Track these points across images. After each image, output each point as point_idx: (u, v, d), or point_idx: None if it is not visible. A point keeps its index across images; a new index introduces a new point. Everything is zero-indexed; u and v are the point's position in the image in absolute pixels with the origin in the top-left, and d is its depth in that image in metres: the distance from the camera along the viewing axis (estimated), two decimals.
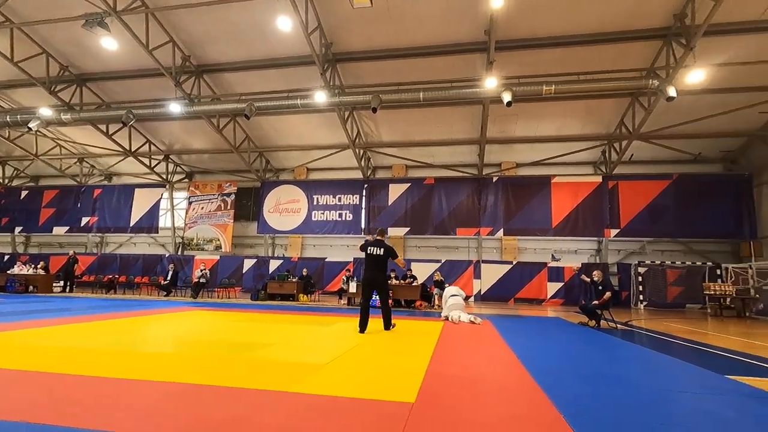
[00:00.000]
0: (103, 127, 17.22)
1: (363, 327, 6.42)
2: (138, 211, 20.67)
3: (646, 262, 16.04)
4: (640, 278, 15.60)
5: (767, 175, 15.30)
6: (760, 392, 3.51)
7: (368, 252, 6.76)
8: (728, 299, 13.23)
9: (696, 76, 11.89)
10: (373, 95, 12.82)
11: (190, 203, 20.43)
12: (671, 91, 11.03)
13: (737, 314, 12.79)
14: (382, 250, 6.77)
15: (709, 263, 15.64)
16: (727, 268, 15.02)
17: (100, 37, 12.81)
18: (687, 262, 15.89)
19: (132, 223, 20.64)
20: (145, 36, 12.38)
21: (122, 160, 19.95)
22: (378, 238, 7.04)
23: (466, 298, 12.23)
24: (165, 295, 14.55)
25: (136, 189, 20.95)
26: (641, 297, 15.42)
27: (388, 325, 6.76)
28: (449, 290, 9.68)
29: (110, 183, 22.02)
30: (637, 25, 11.52)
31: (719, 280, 14.66)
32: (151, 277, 18.08)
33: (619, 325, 8.71)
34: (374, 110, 12.83)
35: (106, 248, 22.15)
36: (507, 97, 11.96)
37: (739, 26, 11.06)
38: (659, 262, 15.96)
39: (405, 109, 15.29)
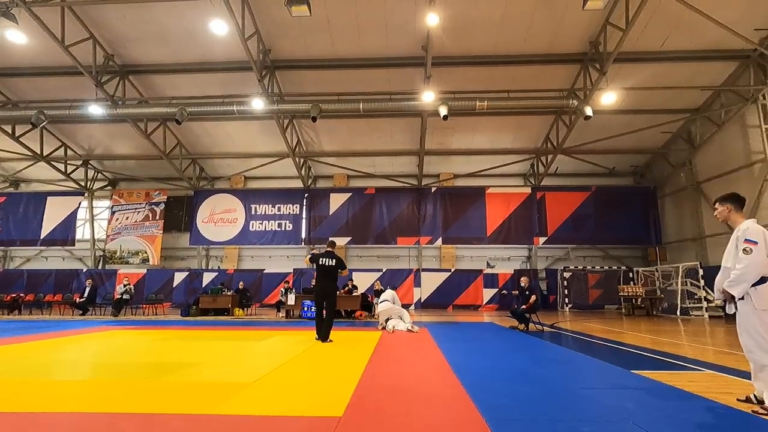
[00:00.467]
0: (8, 128, 15.43)
1: (320, 335, 6.78)
2: (50, 221, 18.70)
3: (570, 267, 17.34)
4: (565, 282, 16.80)
5: (669, 188, 17.25)
6: (659, 385, 3.89)
7: (320, 263, 7.05)
8: (639, 300, 14.64)
9: (609, 98, 13.16)
10: (313, 104, 12.73)
11: (113, 213, 18.87)
12: (588, 111, 12.13)
13: (647, 313, 14.17)
14: (333, 261, 7.13)
15: (623, 267, 17.26)
16: (637, 272, 16.64)
17: (6, 29, 11.53)
18: (605, 267, 17.41)
19: (43, 235, 18.63)
20: (60, 31, 11.34)
21: (32, 165, 17.99)
22: (329, 249, 7.36)
23: (406, 306, 12.37)
24: (81, 314, 13.22)
25: (48, 197, 18.97)
26: (566, 300, 16.61)
27: (326, 337, 6.75)
28: (381, 296, 9.75)
29: (17, 190, 19.75)
30: (559, 48, 12.56)
31: (632, 283, 16.19)
32: (65, 294, 16.36)
33: (545, 328, 9.29)
34: (314, 119, 12.75)
35: (10, 263, 19.76)
36: (443, 110, 12.45)
37: (643, 55, 12.44)
38: (581, 267, 17.33)
39: (346, 119, 15.36)
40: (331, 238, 8.29)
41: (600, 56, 11.77)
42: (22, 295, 16.13)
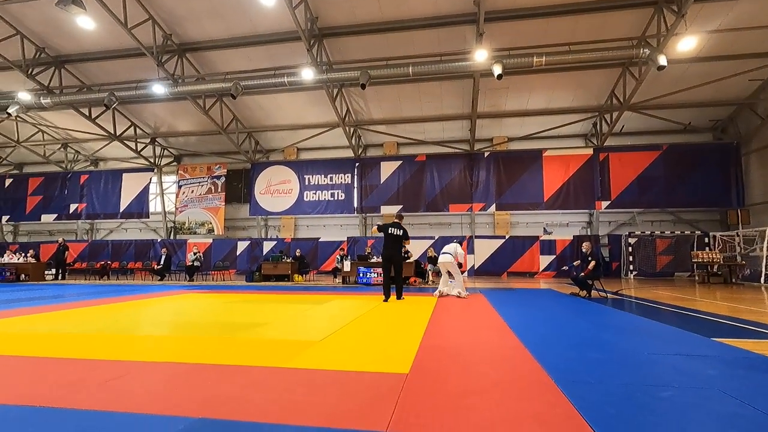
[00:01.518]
0: (85, 111, 16.78)
1: (387, 296, 7.61)
2: (127, 196, 20.42)
3: (636, 232, 16.28)
4: (630, 249, 15.86)
5: (755, 144, 15.42)
6: (746, 352, 3.62)
7: (388, 232, 7.85)
8: (715, 266, 13.53)
9: (687, 43, 11.80)
10: (362, 71, 12.58)
11: (179, 187, 20.20)
12: (662, 60, 10.95)
13: (724, 281, 13.11)
14: (401, 231, 7.94)
15: (698, 232, 15.93)
16: (714, 237, 15.31)
17: (76, 16, 12.30)
18: (676, 232, 16.16)
19: (122, 209, 20.43)
20: (123, 14, 11.94)
21: (107, 144, 19.57)
22: (396, 221, 8.17)
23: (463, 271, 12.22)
24: (159, 280, 14.54)
25: (123, 174, 20.63)
26: (631, 267, 15.72)
27: (399, 295, 7.77)
28: (444, 248, 9.24)
29: (97, 168, 21.64)
30: None
31: (707, 248, 14.95)
32: (144, 262, 18.03)
33: (609, 295, 8.89)
34: (363, 86, 12.62)
35: (96, 235, 21.97)
36: (497, 69, 11.81)
37: None
38: (649, 233, 16.21)
39: (394, 85, 15.08)
40: (398, 212, 8.78)
41: None
42: (109, 262, 18.01)
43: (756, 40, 12.26)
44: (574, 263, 9.39)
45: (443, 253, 9.01)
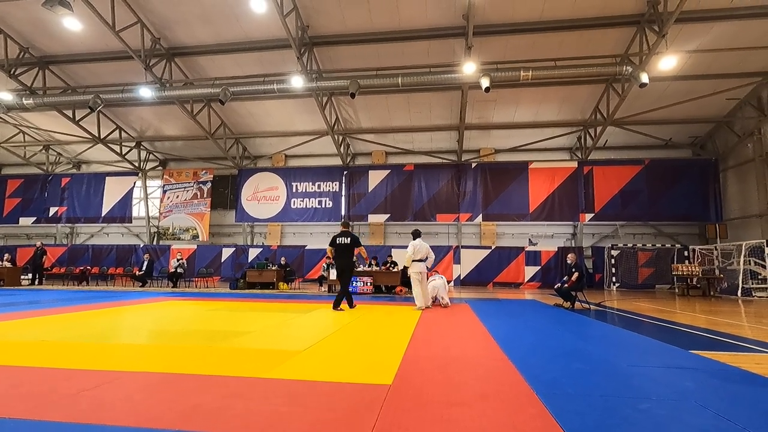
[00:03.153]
0: (69, 113, 16.46)
1: (337, 305, 7.60)
2: (110, 200, 20.01)
3: (619, 245, 16.57)
4: (613, 261, 16.12)
5: (732, 160, 15.91)
6: (722, 365, 3.69)
7: (337, 242, 7.91)
8: (695, 279, 13.83)
9: (668, 62, 12.16)
10: (351, 80, 12.65)
11: (164, 192, 19.90)
12: (644, 78, 11.28)
13: (703, 293, 13.38)
14: (349, 239, 7.91)
15: (678, 245, 16.29)
16: (694, 250, 15.67)
17: (62, 17, 12.12)
18: (657, 245, 16.50)
19: (104, 213, 19.99)
20: (111, 16, 11.82)
21: (91, 147, 19.21)
22: (344, 229, 8.11)
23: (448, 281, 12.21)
24: (141, 286, 14.24)
25: (107, 177, 20.23)
26: (614, 279, 15.97)
27: (337, 305, 7.64)
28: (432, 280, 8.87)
29: (79, 171, 21.19)
30: (611, 11, 11.65)
31: (686, 262, 15.29)
32: (126, 267, 17.63)
33: (591, 306, 9.01)
34: (352, 95, 12.68)
35: (76, 239, 21.44)
36: (485, 82, 12.00)
37: (709, 13, 11.31)
38: (631, 245, 16.52)
39: (384, 94, 15.18)
40: (344, 219, 8.90)
41: (659, 16, 10.81)
42: (88, 267, 17.56)
43: (733, 60, 12.72)
44: (564, 278, 9.43)
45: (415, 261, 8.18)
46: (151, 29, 13.15)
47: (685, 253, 15.81)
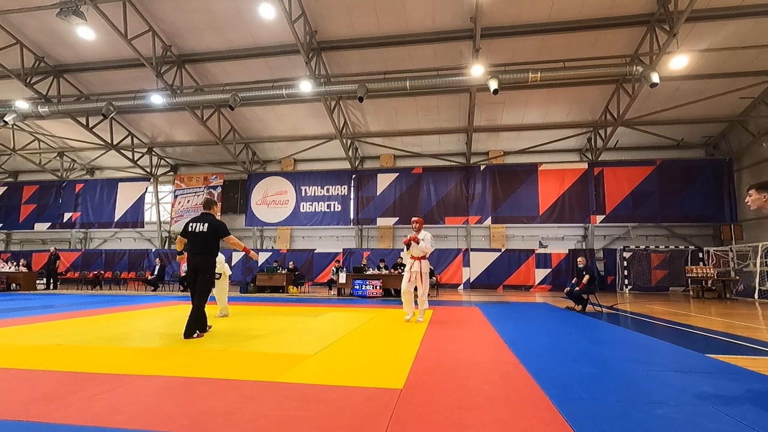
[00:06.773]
0: (83, 120, 16.77)
1: (189, 333, 4.89)
2: (122, 205, 20.30)
3: (631, 247, 16.36)
4: (625, 263, 15.91)
5: (747, 160, 15.63)
6: (737, 369, 3.61)
7: (189, 230, 5.01)
8: (710, 281, 13.58)
9: (679, 61, 12.01)
10: (359, 84, 12.71)
11: (175, 197, 20.13)
12: (655, 78, 11.15)
13: (718, 296, 13.15)
14: (206, 225, 5.00)
15: (692, 247, 16.02)
16: (708, 252, 15.40)
17: (76, 26, 12.40)
18: (670, 246, 16.25)
19: (116, 218, 20.28)
20: (123, 25, 12.03)
21: (104, 153, 19.53)
22: (204, 211, 5.22)
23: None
24: (152, 290, 14.40)
25: (119, 183, 20.54)
26: (626, 281, 15.75)
27: (189, 334, 4.84)
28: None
29: (92, 177, 21.55)
30: (620, 11, 11.56)
31: (701, 263, 15.02)
32: (138, 272, 17.86)
33: (604, 309, 8.88)
34: (361, 99, 12.74)
35: (90, 244, 21.77)
36: (493, 84, 11.97)
37: (720, 12, 11.16)
38: (643, 247, 16.29)
39: (392, 98, 15.21)
40: (207, 196, 5.36)
41: (669, 15, 10.69)
42: (102, 272, 17.82)
43: (746, 58, 12.52)
44: (573, 282, 9.34)
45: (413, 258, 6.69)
46: (162, 37, 13.35)
47: (700, 255, 15.55)
